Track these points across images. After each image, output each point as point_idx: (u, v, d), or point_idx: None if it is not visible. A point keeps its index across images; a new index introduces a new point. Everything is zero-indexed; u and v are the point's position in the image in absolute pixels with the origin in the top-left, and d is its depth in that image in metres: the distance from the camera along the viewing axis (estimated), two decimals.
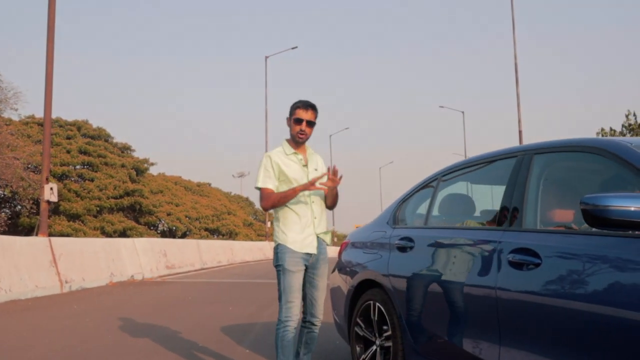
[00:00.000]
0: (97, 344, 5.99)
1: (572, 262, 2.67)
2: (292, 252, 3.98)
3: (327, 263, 4.17)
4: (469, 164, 3.92)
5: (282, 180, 4.07)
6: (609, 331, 2.42)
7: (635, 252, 2.41)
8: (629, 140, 2.85)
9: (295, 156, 4.13)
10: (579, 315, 2.56)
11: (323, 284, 4.13)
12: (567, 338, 2.62)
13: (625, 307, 2.36)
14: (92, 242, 13.67)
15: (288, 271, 3.96)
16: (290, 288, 3.96)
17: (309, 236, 4.03)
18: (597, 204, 2.36)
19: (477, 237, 3.35)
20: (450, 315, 3.37)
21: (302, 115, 4.08)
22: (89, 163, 37.30)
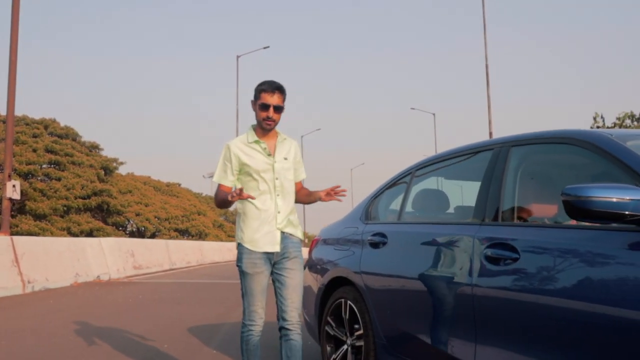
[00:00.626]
0: (57, 346, 5.77)
1: (551, 256, 2.58)
2: (249, 252, 3.63)
3: (299, 258, 3.73)
4: (443, 157, 3.81)
5: (245, 172, 3.68)
6: (588, 327, 2.33)
7: (615, 246, 2.33)
8: (609, 132, 2.77)
9: (258, 144, 3.70)
10: (558, 311, 2.46)
11: (294, 281, 3.67)
12: (546, 335, 2.52)
13: (605, 303, 2.28)
14: (56, 241, 13.32)
15: (246, 274, 3.63)
16: (251, 291, 3.63)
17: (269, 233, 3.63)
18: (579, 195, 2.26)
19: (452, 232, 3.24)
20: (425, 313, 3.26)
21: (269, 99, 3.65)
22: (55, 162, 36.62)
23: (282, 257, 3.66)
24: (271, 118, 3.66)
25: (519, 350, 2.64)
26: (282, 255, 3.66)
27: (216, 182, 3.74)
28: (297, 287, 3.68)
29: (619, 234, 2.34)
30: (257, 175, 3.65)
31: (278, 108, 3.68)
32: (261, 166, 3.66)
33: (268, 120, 3.66)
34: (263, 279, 3.63)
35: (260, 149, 3.69)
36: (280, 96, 3.69)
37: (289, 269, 3.66)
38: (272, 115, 3.66)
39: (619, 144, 2.59)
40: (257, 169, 3.65)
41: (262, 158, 3.68)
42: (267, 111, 3.66)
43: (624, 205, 2.21)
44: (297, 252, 3.72)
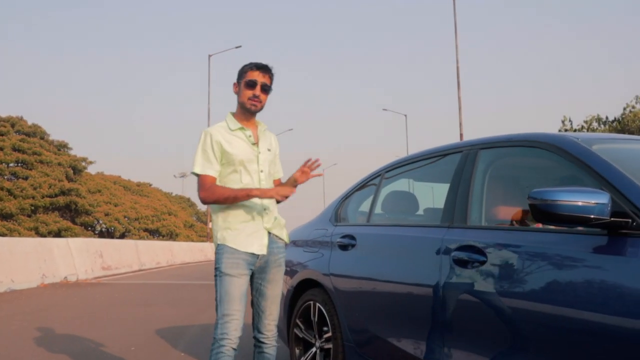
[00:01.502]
0: (20, 350, 5.65)
1: (518, 259, 2.59)
2: (232, 252, 3.18)
3: (283, 267, 3.36)
4: (413, 159, 3.81)
5: (227, 162, 3.25)
6: (555, 329, 2.34)
7: (581, 249, 2.34)
8: (575, 135, 2.79)
9: (243, 132, 3.30)
10: (525, 313, 2.47)
11: (274, 292, 3.31)
12: (513, 337, 2.53)
13: (571, 306, 2.29)
14: (22, 241, 13.07)
15: (225, 275, 3.16)
16: (228, 297, 3.13)
17: (256, 232, 3.23)
18: (545, 199, 2.27)
19: (421, 234, 3.24)
20: (393, 316, 3.25)
21: (256, 77, 3.27)
22: (23, 161, 36.06)
23: (266, 263, 3.27)
24: (258, 97, 3.27)
25: (486, 353, 2.64)
26: (266, 262, 3.27)
27: (199, 172, 3.24)
28: (277, 298, 3.34)
29: (584, 237, 2.36)
30: (240, 167, 3.25)
31: (266, 87, 3.30)
32: (245, 156, 3.26)
33: (254, 99, 3.27)
34: (243, 284, 3.18)
35: (244, 137, 3.30)
36: (269, 77, 3.34)
37: (271, 279, 3.30)
38: (259, 93, 3.27)
39: (585, 148, 2.61)
40: (242, 159, 3.24)
41: (245, 147, 3.28)
42: (253, 89, 3.27)
43: (590, 209, 2.23)
44: (282, 259, 3.35)
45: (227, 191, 3.17)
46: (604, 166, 2.46)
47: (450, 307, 2.84)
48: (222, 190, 3.19)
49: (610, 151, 2.66)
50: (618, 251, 2.23)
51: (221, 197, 3.17)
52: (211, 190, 3.20)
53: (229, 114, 3.38)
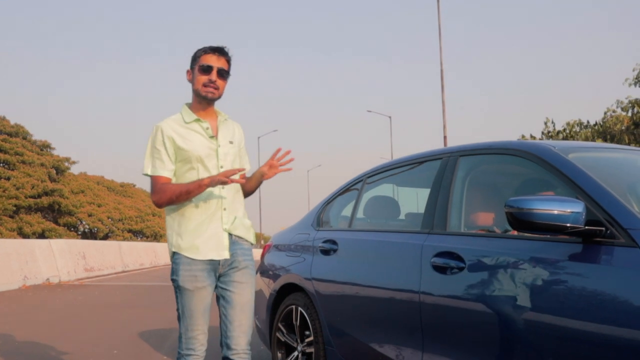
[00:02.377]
0: (2, 352, 5.62)
1: (496, 266, 2.63)
2: (188, 263, 2.87)
3: (251, 269, 3.02)
4: (394, 165, 3.85)
5: (183, 160, 2.91)
6: (533, 335, 2.39)
7: (556, 256, 2.39)
8: (552, 144, 2.84)
9: (199, 124, 2.96)
10: (502, 319, 2.52)
11: (243, 298, 2.95)
12: (490, 342, 2.58)
13: (548, 312, 2.34)
14: (3, 242, 12.97)
15: (184, 290, 2.87)
16: (191, 313, 2.87)
17: (214, 236, 2.91)
18: (521, 207, 2.32)
19: (401, 240, 3.28)
20: (373, 320, 3.29)
21: (211, 61, 2.93)
22: (5, 161, 35.76)
23: (230, 267, 2.95)
24: (214, 83, 2.93)
25: (465, 358, 2.69)
26: (230, 265, 2.95)
27: (150, 174, 2.92)
28: (246, 306, 2.97)
29: (559, 245, 2.41)
30: (197, 163, 2.91)
31: (223, 72, 2.96)
32: (203, 151, 2.92)
33: (210, 85, 2.93)
34: (206, 296, 2.90)
35: (201, 130, 2.96)
36: (226, 61, 2.99)
37: (237, 283, 2.95)
38: (215, 79, 2.93)
39: (561, 157, 2.66)
40: (198, 155, 2.91)
41: (202, 141, 2.94)
42: (208, 74, 2.92)
43: (565, 218, 2.27)
44: (248, 261, 3.02)
45: (177, 187, 2.85)
46: (579, 175, 2.52)
47: (429, 312, 2.88)
48: (172, 188, 2.86)
49: (586, 159, 2.72)
50: (592, 259, 2.28)
51: (173, 195, 2.85)
52: (162, 191, 2.88)
53: (183, 105, 3.03)
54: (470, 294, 2.68)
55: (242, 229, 3.01)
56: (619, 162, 3.04)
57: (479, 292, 2.64)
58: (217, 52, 2.96)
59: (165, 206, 2.93)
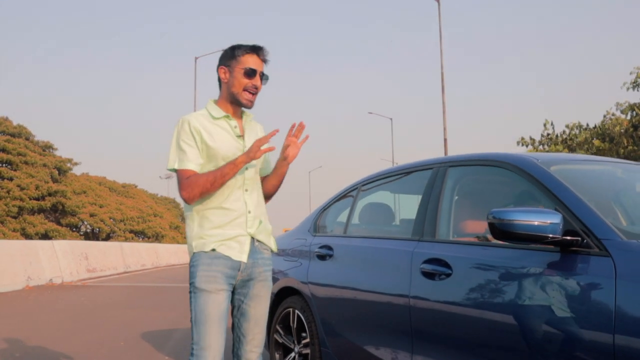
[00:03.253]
0: (6, 352, 5.77)
1: (481, 272, 2.78)
2: (208, 262, 2.69)
3: (269, 282, 2.85)
4: (388, 174, 4.00)
5: (208, 157, 2.76)
6: (513, 337, 2.53)
7: (537, 264, 2.54)
8: (535, 156, 2.98)
9: (227, 121, 2.81)
10: (487, 323, 2.66)
11: (258, 311, 2.80)
12: (476, 344, 2.72)
13: (529, 316, 2.48)
14: (7, 244, 13.13)
15: (200, 291, 2.67)
16: (205, 318, 2.64)
17: (239, 237, 2.74)
18: (502, 218, 2.45)
19: (393, 246, 3.43)
20: (366, 323, 3.43)
21: (256, 64, 2.77)
22: (8, 161, 35.89)
23: (249, 277, 2.78)
24: (257, 89, 2.79)
25: (456, 358, 2.83)
26: (249, 274, 2.78)
27: (177, 167, 2.72)
28: (260, 319, 2.83)
29: (539, 254, 2.55)
30: (222, 162, 2.74)
31: (264, 76, 2.83)
32: (229, 150, 2.76)
33: (252, 89, 2.78)
34: (222, 302, 2.69)
35: (229, 128, 2.81)
36: (263, 62, 2.84)
37: (254, 296, 2.80)
38: (259, 84, 2.79)
39: (543, 169, 2.80)
40: (226, 154, 2.75)
41: (229, 140, 2.78)
42: (252, 78, 2.76)
43: (544, 228, 2.41)
44: (268, 273, 2.85)
45: (210, 174, 2.68)
46: (559, 187, 2.66)
47: (419, 316, 3.02)
48: (204, 176, 2.67)
49: (566, 172, 2.86)
50: (569, 267, 2.42)
51: (207, 182, 2.66)
52: (192, 183, 2.68)
53: (210, 101, 2.87)
54: (456, 299, 2.82)
55: (264, 234, 2.85)
56: (599, 174, 3.19)
57: (465, 297, 2.78)
58: (260, 53, 2.79)
59: (198, 199, 2.70)
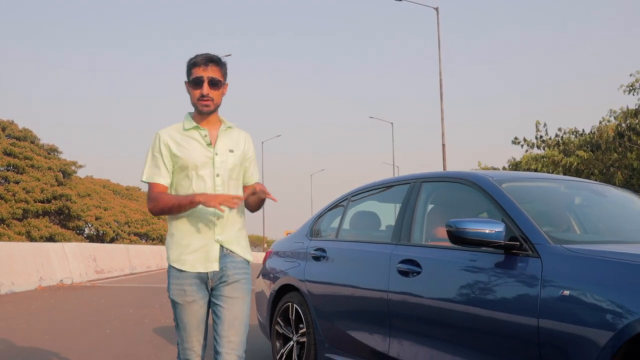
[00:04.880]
0: (24, 349, 6.37)
1: (444, 270, 3.41)
2: (177, 276, 2.87)
3: (242, 283, 2.92)
4: (373, 187, 4.63)
5: (179, 167, 2.88)
6: (470, 321, 3.15)
7: (486, 264, 3.15)
8: (491, 175, 3.61)
9: (197, 131, 2.92)
10: (449, 312, 3.28)
11: (232, 313, 2.87)
12: (441, 329, 3.34)
13: (481, 306, 3.10)
14: (20, 246, 13.76)
15: (176, 303, 2.90)
16: (184, 326, 2.90)
17: (204, 246, 2.86)
18: (457, 227, 3.08)
19: (375, 249, 4.06)
20: (353, 314, 4.06)
21: (201, 72, 2.85)
22: (14, 165, 36.49)
23: (220, 281, 2.89)
24: (207, 96, 2.86)
25: (422, 343, 3.45)
26: (220, 279, 2.89)
27: (146, 181, 2.91)
28: (235, 321, 2.87)
29: (487, 256, 3.16)
30: (192, 171, 2.87)
31: (215, 82, 2.88)
32: (198, 159, 2.88)
33: (204, 99, 2.87)
34: (197, 310, 2.89)
35: (199, 137, 2.92)
36: (217, 69, 2.91)
37: (226, 297, 2.87)
38: (207, 92, 2.86)
39: (495, 186, 3.43)
40: (193, 163, 2.87)
41: (199, 149, 2.90)
42: (200, 87, 2.86)
43: (490, 235, 3.03)
44: (240, 275, 2.92)
45: (170, 199, 2.84)
46: (506, 201, 3.28)
47: (395, 307, 3.65)
48: (166, 199, 2.85)
49: (515, 188, 3.49)
50: (510, 266, 3.04)
51: (165, 206, 2.84)
52: (156, 199, 2.86)
53: (187, 114, 3.01)
54: (425, 293, 3.45)
55: (235, 245, 2.94)
56: (544, 190, 3.82)
57: (432, 291, 3.41)
58: (204, 62, 2.88)
59: (158, 215, 2.92)
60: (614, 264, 2.63)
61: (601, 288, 2.57)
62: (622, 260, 2.62)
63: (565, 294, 2.67)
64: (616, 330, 2.42)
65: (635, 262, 2.57)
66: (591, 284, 2.62)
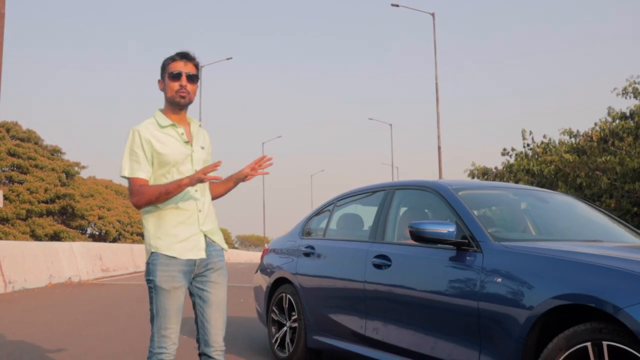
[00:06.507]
0: (40, 340, 7.06)
1: (409, 263, 4.10)
2: (166, 263, 3.02)
3: (224, 270, 3.19)
4: (355, 193, 5.34)
5: (158, 164, 3.05)
6: (429, 304, 3.84)
7: (442, 258, 3.84)
8: (451, 183, 4.31)
9: (174, 129, 3.11)
10: (413, 297, 3.97)
11: (218, 297, 3.13)
12: (408, 312, 4.03)
13: (438, 293, 3.79)
14: (32, 245, 14.47)
15: (160, 290, 3.01)
16: (165, 312, 3.02)
17: (193, 236, 3.07)
18: (418, 228, 3.77)
19: (355, 247, 4.75)
20: (336, 302, 4.76)
21: (179, 67, 3.08)
22: (18, 165, 37.12)
23: (206, 268, 3.12)
24: (185, 88, 3.07)
25: (392, 323, 4.14)
26: (206, 266, 3.12)
27: (128, 176, 3.03)
28: (221, 304, 3.15)
29: (442, 251, 3.85)
30: (172, 167, 3.05)
31: (192, 77, 3.10)
32: (178, 156, 3.07)
33: (182, 91, 3.07)
34: (180, 296, 3.05)
35: (176, 135, 3.11)
36: (193, 66, 3.14)
37: (213, 283, 3.13)
38: (185, 84, 3.07)
39: (452, 193, 4.12)
40: (175, 159, 3.06)
41: (178, 146, 3.09)
42: (179, 80, 3.07)
43: (444, 234, 3.72)
44: (222, 262, 3.20)
45: (157, 188, 2.98)
46: (459, 206, 3.98)
47: (370, 294, 4.34)
48: (151, 189, 2.98)
49: (469, 195, 4.18)
50: (460, 260, 3.73)
51: (152, 196, 2.97)
52: (140, 192, 2.99)
53: (157, 110, 3.17)
54: (394, 282, 4.14)
55: (217, 235, 3.20)
56: (494, 197, 4.53)
57: (399, 280, 4.10)
58: (184, 58, 3.11)
59: (144, 207, 3.04)
60: (535, 257, 3.33)
61: (524, 276, 3.27)
62: (541, 254, 3.32)
63: (498, 281, 3.37)
64: (532, 308, 3.11)
65: (550, 256, 3.27)
66: (517, 273, 3.31)
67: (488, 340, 3.38)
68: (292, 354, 5.22)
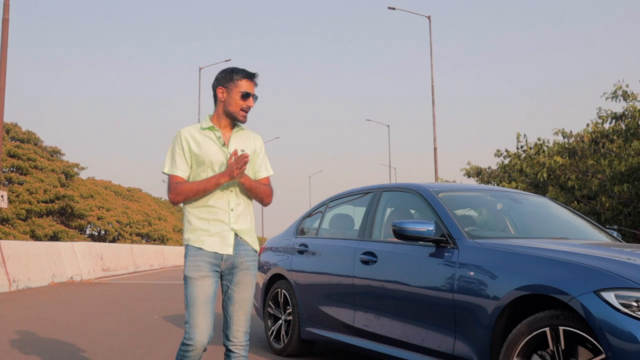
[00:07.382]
0: (62, 327, 7.40)
1: (393, 259, 4.47)
2: (194, 253, 3.19)
3: (252, 270, 3.30)
4: (346, 195, 5.70)
5: (197, 163, 3.25)
6: (411, 297, 4.20)
7: (422, 254, 4.20)
8: (432, 186, 4.68)
9: (213, 132, 3.28)
10: (396, 290, 4.34)
11: (242, 295, 3.26)
12: (391, 304, 4.39)
13: (419, 286, 4.15)
14: (35, 245, 14.81)
15: (189, 279, 3.17)
16: (193, 301, 3.13)
17: (223, 232, 3.21)
18: (400, 226, 4.13)
19: (344, 244, 5.12)
20: (327, 296, 5.12)
21: (250, 88, 3.27)
22: (17, 166, 37.37)
23: (233, 266, 3.25)
24: (249, 109, 3.30)
25: (378, 314, 4.50)
26: (233, 264, 3.25)
27: (167, 172, 3.24)
28: (245, 303, 3.27)
29: (423, 248, 4.22)
30: (209, 168, 3.23)
31: (256, 99, 3.33)
32: (215, 157, 3.24)
33: (247, 110, 3.29)
34: (208, 287, 3.16)
35: (214, 137, 3.28)
36: (254, 84, 3.34)
37: (240, 283, 3.26)
38: (252, 105, 3.29)
39: (433, 195, 4.48)
40: (210, 160, 3.23)
41: (215, 148, 3.26)
42: (247, 100, 3.26)
43: (424, 232, 4.08)
44: (251, 262, 3.30)
45: (194, 185, 3.17)
46: (439, 207, 4.34)
47: (359, 288, 4.70)
48: (189, 186, 3.18)
49: (448, 197, 4.55)
50: (439, 256, 4.09)
51: (190, 192, 3.17)
52: (178, 188, 3.18)
53: (206, 116, 3.37)
54: (380, 276, 4.51)
55: (249, 236, 3.32)
56: (472, 198, 4.90)
57: (384, 275, 4.47)
58: (254, 79, 3.31)
59: (181, 203, 3.24)
60: (503, 252, 3.70)
61: (493, 269, 3.64)
62: (508, 250, 3.70)
63: (471, 274, 3.74)
64: (499, 299, 3.48)
65: (516, 251, 3.64)
66: (487, 267, 3.68)
67: (462, 328, 3.74)
68: (286, 345, 5.58)
